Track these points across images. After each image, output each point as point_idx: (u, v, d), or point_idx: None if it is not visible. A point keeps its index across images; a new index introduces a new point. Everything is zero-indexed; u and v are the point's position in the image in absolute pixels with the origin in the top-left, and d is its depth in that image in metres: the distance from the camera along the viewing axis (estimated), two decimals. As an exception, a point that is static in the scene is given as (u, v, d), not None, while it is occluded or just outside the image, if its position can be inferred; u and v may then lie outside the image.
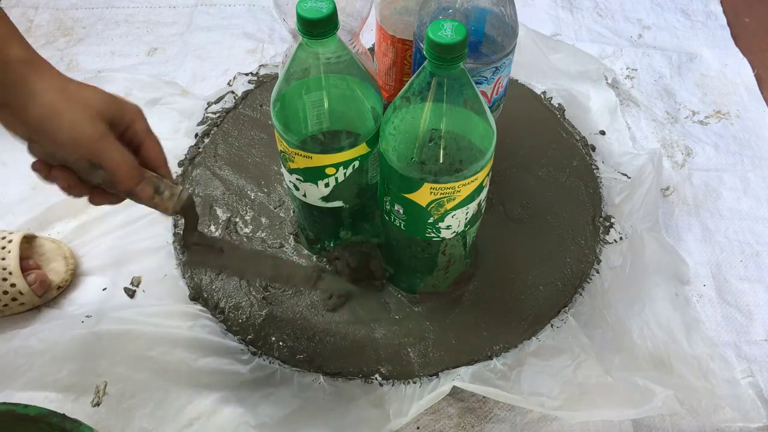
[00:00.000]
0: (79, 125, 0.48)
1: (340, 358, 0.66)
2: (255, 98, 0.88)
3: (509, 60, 0.65)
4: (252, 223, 0.75)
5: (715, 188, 0.81)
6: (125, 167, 0.51)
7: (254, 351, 0.66)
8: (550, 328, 0.68)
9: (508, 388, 0.63)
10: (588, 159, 0.82)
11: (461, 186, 0.55)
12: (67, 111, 0.48)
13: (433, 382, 0.64)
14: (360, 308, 0.69)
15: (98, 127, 0.49)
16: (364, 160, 0.59)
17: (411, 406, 0.62)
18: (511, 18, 0.63)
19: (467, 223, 0.60)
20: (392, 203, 0.59)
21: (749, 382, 0.65)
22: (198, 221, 0.60)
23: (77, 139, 0.49)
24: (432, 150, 0.53)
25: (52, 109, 0.48)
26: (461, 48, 0.48)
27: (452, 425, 0.63)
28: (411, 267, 0.67)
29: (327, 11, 0.50)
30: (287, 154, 0.59)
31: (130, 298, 0.70)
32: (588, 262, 0.73)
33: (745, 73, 0.94)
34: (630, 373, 0.64)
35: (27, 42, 0.49)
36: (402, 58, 0.71)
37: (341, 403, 0.63)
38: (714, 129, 0.88)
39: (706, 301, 0.72)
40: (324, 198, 0.62)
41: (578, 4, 1.03)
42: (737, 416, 0.62)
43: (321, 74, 0.54)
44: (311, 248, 0.72)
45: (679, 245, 0.75)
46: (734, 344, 0.69)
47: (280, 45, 0.95)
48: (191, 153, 0.82)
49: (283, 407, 0.63)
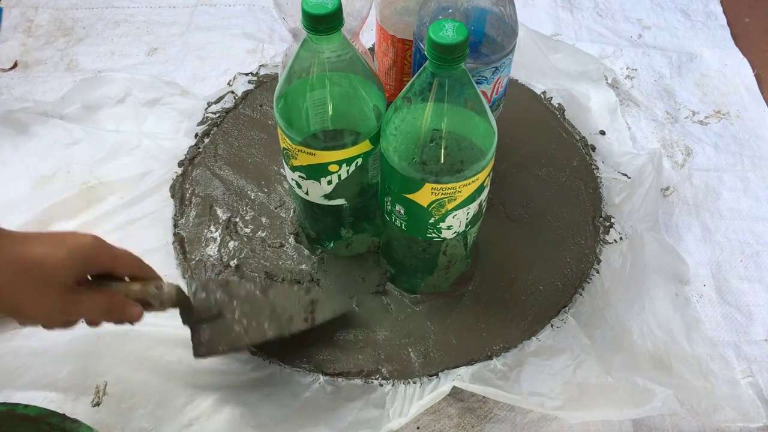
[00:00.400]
0: (36, 302, 0.49)
1: (340, 358, 0.66)
2: (255, 98, 0.88)
3: (509, 60, 0.65)
4: (252, 223, 0.75)
5: (715, 188, 0.81)
6: (103, 314, 0.53)
7: (254, 351, 0.66)
8: (550, 328, 0.68)
9: (508, 388, 0.63)
10: (588, 159, 0.82)
11: (462, 186, 0.55)
12: (22, 289, 0.48)
13: (433, 382, 0.64)
14: (360, 308, 0.69)
15: (54, 298, 0.49)
16: (367, 157, 0.59)
17: (411, 406, 0.62)
18: (510, 18, 0.63)
19: (468, 224, 0.60)
20: (393, 203, 0.59)
21: (749, 382, 0.65)
22: (191, 308, 0.61)
23: (42, 313, 0.50)
24: (433, 150, 0.53)
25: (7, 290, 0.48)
26: (463, 48, 0.48)
27: (452, 425, 0.63)
28: (412, 267, 0.67)
29: (332, 7, 0.50)
30: (290, 152, 0.59)
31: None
32: (588, 262, 0.73)
33: (745, 73, 0.94)
34: (630, 373, 0.64)
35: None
36: (402, 58, 0.71)
37: (341, 403, 0.63)
38: (714, 129, 0.88)
39: (706, 301, 0.72)
40: (326, 196, 0.62)
41: (578, 4, 1.03)
42: (737, 416, 0.62)
43: (325, 71, 0.54)
44: (312, 248, 0.72)
45: (679, 245, 0.75)
46: (734, 344, 0.69)
47: (280, 45, 0.95)
48: (191, 153, 0.81)
49: (283, 407, 0.63)
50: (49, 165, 0.79)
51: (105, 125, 0.84)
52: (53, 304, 0.49)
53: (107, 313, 0.53)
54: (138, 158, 0.80)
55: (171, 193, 0.78)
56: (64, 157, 0.80)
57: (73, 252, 0.50)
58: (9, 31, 0.97)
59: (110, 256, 0.54)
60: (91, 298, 0.52)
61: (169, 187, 0.78)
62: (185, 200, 0.77)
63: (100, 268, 0.53)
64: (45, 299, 0.49)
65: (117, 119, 0.85)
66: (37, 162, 0.79)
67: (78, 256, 0.50)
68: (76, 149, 0.80)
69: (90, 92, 0.87)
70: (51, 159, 0.80)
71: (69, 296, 0.50)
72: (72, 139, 0.81)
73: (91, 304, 0.52)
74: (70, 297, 0.50)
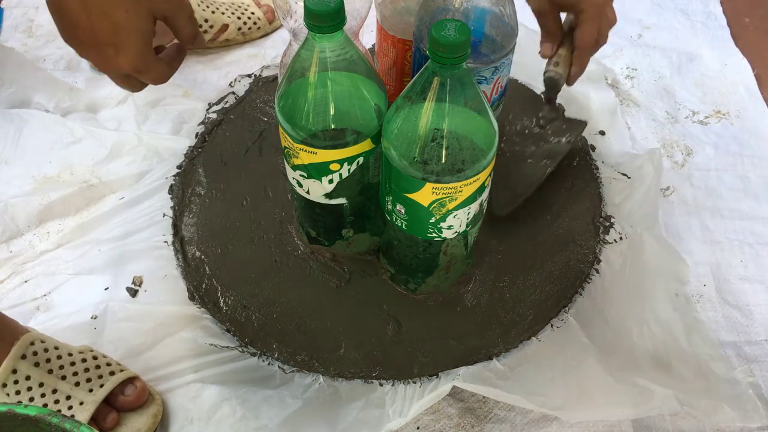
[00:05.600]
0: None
1: (339, 358, 0.66)
2: (256, 98, 0.88)
3: (509, 60, 0.65)
4: (253, 222, 0.75)
5: (715, 188, 0.81)
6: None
7: (254, 352, 0.66)
8: (550, 328, 0.68)
9: (508, 388, 0.62)
10: (588, 159, 0.82)
11: (463, 186, 0.55)
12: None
13: (433, 382, 0.64)
14: (360, 308, 0.69)
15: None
16: (368, 156, 0.59)
17: (411, 406, 0.62)
18: (510, 18, 0.63)
19: (469, 223, 0.60)
20: (394, 203, 0.59)
21: (749, 382, 0.65)
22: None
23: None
24: (434, 150, 0.53)
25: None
26: (465, 48, 0.48)
27: (452, 425, 0.63)
28: (412, 267, 0.67)
29: (335, 5, 0.51)
30: (291, 150, 0.59)
31: (132, 298, 0.70)
32: (588, 262, 0.73)
33: (745, 73, 0.94)
34: (630, 373, 0.64)
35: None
36: (402, 59, 0.71)
37: (341, 403, 0.63)
38: (714, 129, 0.88)
39: (706, 301, 0.72)
40: (327, 195, 0.62)
41: (578, 4, 1.03)
42: (737, 416, 0.62)
43: (327, 70, 0.54)
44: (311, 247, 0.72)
45: (679, 245, 0.75)
46: (734, 344, 0.69)
47: (281, 46, 0.95)
48: (192, 153, 0.82)
49: (283, 408, 0.63)
50: (51, 164, 0.79)
51: (106, 125, 0.84)
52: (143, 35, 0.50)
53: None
54: (139, 158, 0.80)
55: (171, 193, 0.78)
56: (66, 155, 0.80)
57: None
58: (10, 31, 0.97)
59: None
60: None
61: (169, 186, 0.78)
62: (185, 200, 0.77)
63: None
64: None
65: (118, 119, 0.85)
66: (39, 160, 0.79)
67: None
68: (78, 148, 0.80)
69: (92, 92, 0.87)
70: (52, 158, 0.80)
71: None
72: (73, 138, 0.81)
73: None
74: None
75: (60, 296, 0.70)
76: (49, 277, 0.71)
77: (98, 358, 0.62)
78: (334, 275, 0.71)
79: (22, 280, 0.71)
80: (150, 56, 0.52)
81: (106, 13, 0.48)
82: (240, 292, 0.70)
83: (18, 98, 0.86)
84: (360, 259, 0.72)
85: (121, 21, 0.49)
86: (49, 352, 0.61)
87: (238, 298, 0.70)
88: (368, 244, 0.71)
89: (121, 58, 0.51)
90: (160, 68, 0.54)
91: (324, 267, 0.72)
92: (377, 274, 0.71)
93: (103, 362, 0.62)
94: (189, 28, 0.54)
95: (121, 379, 0.61)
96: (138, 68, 0.52)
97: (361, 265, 0.72)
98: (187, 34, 0.54)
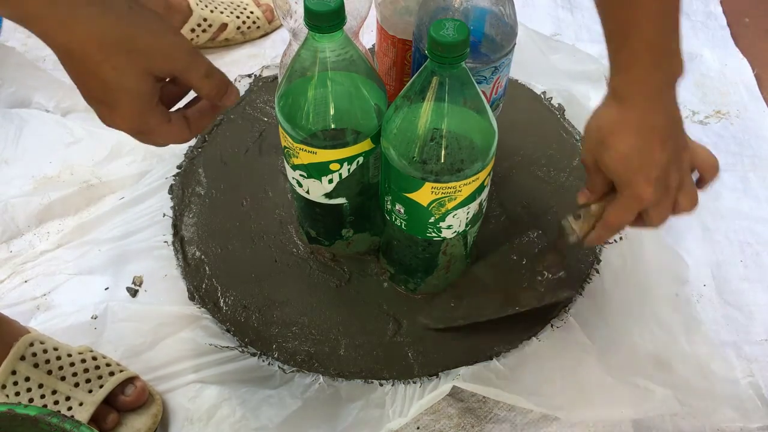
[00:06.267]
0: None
1: (339, 358, 0.66)
2: (256, 98, 0.88)
3: (508, 60, 0.65)
4: (253, 222, 0.75)
5: (715, 188, 0.81)
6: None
7: (254, 352, 0.66)
8: (550, 328, 0.68)
9: (508, 388, 0.63)
10: (588, 159, 0.82)
11: (462, 185, 0.55)
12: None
13: (433, 382, 0.64)
14: (360, 308, 0.69)
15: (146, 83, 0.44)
16: (368, 156, 0.59)
17: (411, 406, 0.62)
18: (510, 18, 0.63)
19: (468, 223, 0.60)
20: (393, 202, 0.59)
21: (749, 382, 0.65)
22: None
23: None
24: (433, 149, 0.53)
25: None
26: (463, 47, 0.48)
27: (452, 425, 0.63)
28: (412, 266, 0.67)
29: (335, 5, 0.51)
30: (291, 150, 0.59)
31: (133, 298, 0.70)
32: (588, 262, 0.73)
33: (745, 73, 0.94)
34: (630, 374, 0.64)
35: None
36: (402, 58, 0.71)
37: (341, 403, 0.63)
38: (714, 129, 0.87)
39: (706, 301, 0.72)
40: (327, 195, 0.62)
41: (578, 4, 1.03)
42: (737, 416, 0.62)
43: (327, 70, 0.54)
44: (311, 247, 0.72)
45: (679, 245, 0.75)
46: (734, 344, 0.69)
47: (281, 46, 0.95)
48: (192, 153, 0.82)
49: (283, 408, 0.63)
50: (51, 164, 0.79)
51: (106, 125, 0.84)
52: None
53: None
54: (139, 158, 0.80)
55: (171, 193, 0.78)
56: (66, 155, 0.80)
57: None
58: (10, 31, 0.97)
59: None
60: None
61: (169, 186, 0.78)
62: (185, 200, 0.77)
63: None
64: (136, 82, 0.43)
65: (118, 119, 0.85)
66: (39, 160, 0.79)
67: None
68: (78, 148, 0.80)
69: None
70: (52, 158, 0.80)
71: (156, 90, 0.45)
72: (73, 138, 0.81)
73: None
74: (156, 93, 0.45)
75: (60, 296, 0.70)
76: (49, 277, 0.71)
77: (98, 358, 0.62)
78: (334, 275, 0.71)
79: (22, 280, 0.71)
80: (151, 118, 0.46)
81: (92, 70, 0.42)
82: (240, 292, 0.70)
83: (18, 98, 0.86)
84: (360, 259, 0.72)
85: (109, 79, 0.42)
86: (48, 353, 0.61)
87: (238, 298, 0.70)
88: (368, 244, 0.71)
89: (117, 118, 0.45)
90: (171, 130, 0.47)
91: (324, 267, 0.72)
92: (377, 274, 0.71)
93: (103, 362, 0.62)
94: (207, 87, 0.47)
95: (121, 380, 0.61)
96: (137, 130, 0.46)
97: (361, 265, 0.72)
98: (206, 92, 0.47)
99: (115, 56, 0.42)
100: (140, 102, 0.44)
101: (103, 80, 0.43)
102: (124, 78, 0.43)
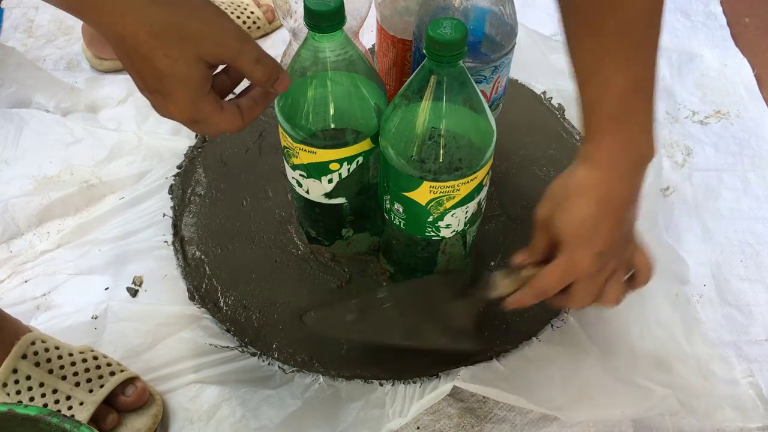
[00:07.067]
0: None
1: (339, 358, 0.66)
2: (255, 98, 0.88)
3: (508, 59, 0.65)
4: (253, 222, 0.75)
5: (715, 188, 0.81)
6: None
7: (254, 352, 0.66)
8: (550, 328, 0.68)
9: (508, 388, 0.62)
10: (588, 159, 0.82)
11: (461, 185, 0.55)
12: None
13: (433, 382, 0.64)
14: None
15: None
16: (368, 156, 0.59)
17: (411, 406, 0.62)
18: (510, 17, 0.63)
19: (467, 222, 0.60)
20: (392, 202, 0.59)
21: (749, 382, 0.65)
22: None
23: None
24: (431, 148, 0.53)
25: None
26: (460, 46, 0.48)
27: (452, 425, 0.63)
28: (411, 266, 0.67)
29: (335, 5, 0.51)
30: (291, 150, 0.59)
31: (133, 298, 0.70)
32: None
33: (745, 73, 0.94)
34: (630, 373, 0.64)
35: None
36: (402, 59, 0.71)
37: (341, 403, 0.63)
38: (714, 129, 0.88)
39: (706, 301, 0.72)
40: (327, 194, 0.62)
41: (578, 5, 1.03)
42: (737, 416, 0.62)
43: (327, 70, 0.54)
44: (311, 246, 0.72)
45: (679, 245, 0.75)
46: (734, 344, 0.69)
47: (281, 46, 0.95)
48: (192, 153, 0.82)
49: (283, 408, 0.63)
50: (51, 164, 0.79)
51: (106, 125, 0.85)
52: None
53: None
54: (139, 158, 0.80)
55: (171, 193, 0.78)
56: (66, 155, 0.80)
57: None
58: (10, 31, 0.97)
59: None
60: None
61: (169, 187, 0.78)
62: (185, 200, 0.77)
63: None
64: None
65: (118, 119, 0.85)
66: (39, 160, 0.79)
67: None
68: (78, 148, 0.81)
69: (92, 92, 0.87)
70: (52, 158, 0.80)
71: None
72: (73, 138, 0.81)
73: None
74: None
75: (60, 296, 0.70)
76: (49, 277, 0.72)
77: (98, 358, 0.62)
78: (334, 275, 0.71)
79: (22, 279, 0.71)
80: (205, 105, 0.46)
81: (146, 58, 0.42)
82: (240, 292, 0.70)
83: (18, 98, 0.86)
84: (360, 259, 0.72)
85: (162, 67, 0.43)
86: (49, 351, 0.61)
87: (238, 298, 0.70)
88: (368, 243, 0.71)
89: (171, 107, 0.45)
90: (224, 118, 0.47)
91: (324, 267, 0.72)
92: (377, 274, 0.71)
93: (104, 362, 0.62)
94: (258, 72, 0.46)
95: (122, 380, 0.61)
96: (191, 118, 0.46)
97: (361, 265, 0.72)
98: (258, 78, 0.47)
99: (167, 43, 0.42)
100: (193, 90, 0.45)
101: (156, 68, 0.43)
102: (176, 65, 0.43)
